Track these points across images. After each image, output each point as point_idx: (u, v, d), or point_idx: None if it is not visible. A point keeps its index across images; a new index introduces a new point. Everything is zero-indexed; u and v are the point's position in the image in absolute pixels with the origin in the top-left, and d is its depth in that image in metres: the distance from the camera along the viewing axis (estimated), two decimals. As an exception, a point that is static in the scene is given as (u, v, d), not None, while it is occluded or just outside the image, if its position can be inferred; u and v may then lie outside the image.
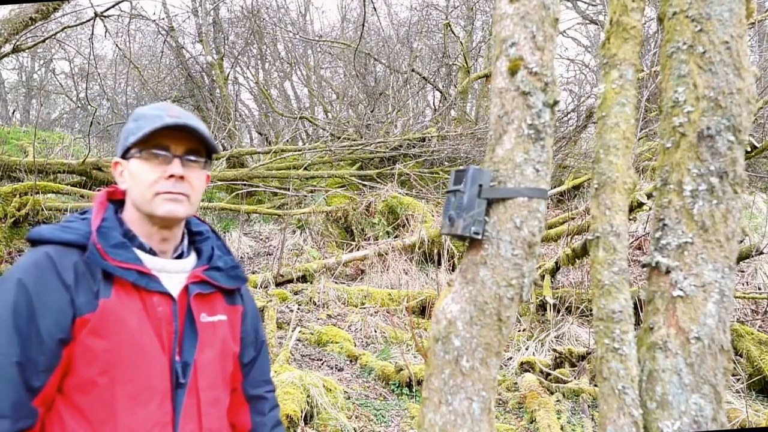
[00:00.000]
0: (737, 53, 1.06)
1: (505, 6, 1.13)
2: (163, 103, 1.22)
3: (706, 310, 1.05)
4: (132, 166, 1.16)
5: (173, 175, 1.15)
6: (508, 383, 4.13)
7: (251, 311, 1.34)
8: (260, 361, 1.35)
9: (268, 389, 1.37)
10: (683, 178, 1.08)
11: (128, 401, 1.08)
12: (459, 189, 1.12)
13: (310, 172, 8.82)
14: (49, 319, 1.05)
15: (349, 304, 5.49)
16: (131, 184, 1.17)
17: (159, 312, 1.13)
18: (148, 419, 1.09)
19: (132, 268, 1.11)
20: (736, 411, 3.47)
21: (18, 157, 8.05)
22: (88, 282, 1.08)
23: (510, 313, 1.10)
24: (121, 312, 1.09)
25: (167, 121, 1.13)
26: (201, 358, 1.17)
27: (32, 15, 5.75)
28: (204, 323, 1.19)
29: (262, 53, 12.85)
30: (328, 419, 3.30)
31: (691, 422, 1.03)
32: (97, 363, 1.07)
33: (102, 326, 1.07)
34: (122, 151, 1.18)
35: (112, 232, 1.13)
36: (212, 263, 1.24)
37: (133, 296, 1.11)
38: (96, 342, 1.07)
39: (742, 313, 5.29)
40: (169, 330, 1.14)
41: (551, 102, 1.11)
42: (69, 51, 14.05)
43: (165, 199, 1.14)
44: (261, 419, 1.34)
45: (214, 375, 1.20)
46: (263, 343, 1.37)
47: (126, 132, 1.18)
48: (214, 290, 1.23)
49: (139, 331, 1.10)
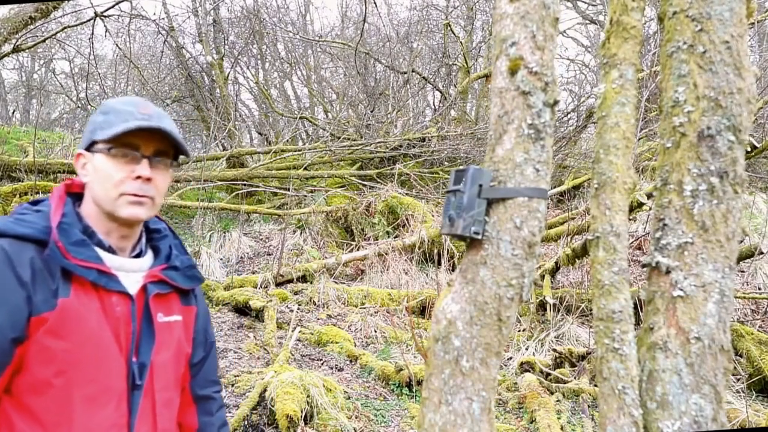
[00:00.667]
0: (737, 53, 1.06)
1: (505, 5, 1.13)
2: (134, 98, 1.19)
3: (707, 310, 1.04)
4: (97, 162, 1.13)
5: (141, 176, 1.12)
6: (508, 383, 4.13)
7: (203, 311, 1.32)
8: (209, 361, 1.34)
9: (215, 390, 1.37)
10: (683, 178, 1.08)
11: (86, 402, 1.06)
12: (459, 189, 1.12)
13: (310, 172, 8.82)
14: (3, 316, 1.00)
15: (349, 304, 5.49)
16: (94, 179, 1.13)
17: (117, 312, 1.11)
18: (105, 421, 1.07)
19: (92, 267, 1.08)
20: (736, 411, 3.47)
21: (18, 157, 8.05)
22: (45, 280, 1.04)
23: (510, 313, 1.10)
24: (81, 312, 1.06)
25: (140, 123, 1.10)
26: (157, 359, 1.15)
27: (32, 14, 5.75)
28: (161, 323, 1.17)
29: (262, 53, 12.85)
30: (328, 419, 3.30)
31: (691, 422, 1.02)
32: (54, 363, 1.04)
33: (61, 326, 1.04)
34: (87, 144, 1.14)
35: (72, 229, 1.09)
36: (170, 262, 1.22)
37: (92, 295, 1.08)
38: (54, 342, 1.03)
39: (742, 313, 5.29)
40: (126, 330, 1.11)
41: (551, 102, 1.11)
42: (69, 51, 14.06)
43: (129, 201, 1.12)
44: (209, 419, 1.34)
45: (168, 376, 1.19)
46: (212, 344, 1.36)
47: (94, 124, 1.14)
48: (171, 290, 1.21)
49: (98, 331, 1.07)
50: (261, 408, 3.27)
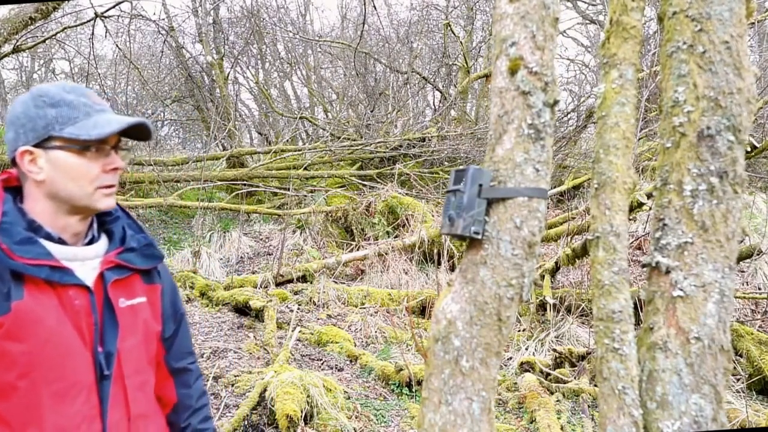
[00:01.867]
0: (737, 53, 1.06)
1: (505, 5, 1.13)
2: (74, 86, 1.15)
3: (706, 310, 1.04)
4: (60, 158, 1.08)
5: (117, 168, 1.12)
6: (508, 383, 4.13)
7: (169, 286, 1.30)
8: (181, 333, 1.34)
9: (191, 361, 1.37)
10: (683, 178, 1.08)
11: (54, 400, 1.05)
12: (459, 189, 1.12)
13: (310, 172, 8.82)
14: None
15: (349, 304, 5.49)
16: (56, 177, 1.09)
17: (76, 305, 1.09)
18: (75, 415, 1.07)
19: (42, 264, 1.05)
20: (736, 411, 3.47)
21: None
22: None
23: (510, 313, 1.10)
24: (37, 312, 1.04)
25: (123, 123, 1.10)
26: (124, 345, 1.14)
27: (32, 15, 5.75)
28: (123, 308, 1.16)
29: (262, 53, 12.85)
30: (328, 419, 3.30)
31: (691, 422, 1.02)
32: (16, 367, 1.03)
33: (17, 329, 1.02)
34: (39, 140, 1.08)
35: (14, 227, 1.06)
36: (125, 245, 1.19)
37: (48, 293, 1.06)
38: (12, 346, 1.02)
39: (742, 313, 5.29)
40: (89, 322, 1.10)
41: (551, 102, 1.11)
42: (69, 51, 14.05)
43: (105, 193, 1.12)
44: (187, 391, 1.34)
45: (138, 360, 1.18)
46: (182, 315, 1.35)
47: (44, 119, 1.08)
48: (131, 273, 1.19)
49: (58, 328, 1.06)
50: (261, 408, 3.27)
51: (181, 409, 1.33)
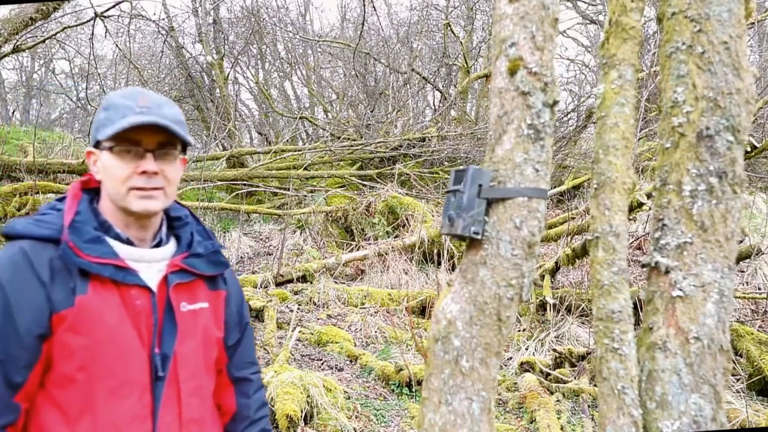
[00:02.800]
0: (736, 53, 1.06)
1: (504, 6, 1.13)
2: (134, 90, 1.17)
3: (706, 310, 1.05)
4: (104, 159, 1.13)
5: (146, 171, 1.12)
6: (508, 383, 4.13)
7: (235, 294, 1.32)
8: (244, 343, 1.35)
9: (252, 371, 1.37)
10: (682, 178, 1.08)
11: (107, 396, 1.08)
12: (459, 189, 1.12)
13: (310, 172, 8.81)
14: (27, 316, 1.04)
15: (349, 304, 5.49)
16: (104, 177, 1.14)
17: (137, 305, 1.11)
18: (127, 413, 1.09)
19: (108, 263, 1.09)
20: (736, 411, 3.47)
21: (18, 157, 8.05)
22: (64, 278, 1.07)
23: (510, 313, 1.10)
24: (99, 308, 1.07)
25: (135, 120, 1.09)
26: (181, 349, 1.16)
27: (32, 15, 5.75)
28: (184, 313, 1.17)
29: (262, 53, 12.85)
30: (328, 419, 3.30)
31: (691, 422, 1.03)
32: (75, 359, 1.07)
33: (79, 323, 1.06)
34: (94, 142, 1.15)
35: (85, 227, 1.11)
36: (192, 250, 1.21)
37: (111, 290, 1.09)
38: (73, 338, 1.06)
39: (742, 313, 5.29)
40: (148, 323, 1.12)
41: (551, 102, 1.11)
42: (69, 51, 14.06)
43: (138, 195, 1.12)
44: (246, 401, 1.34)
45: (195, 364, 1.19)
46: (247, 324, 1.36)
47: (97, 122, 1.14)
48: (195, 278, 1.20)
49: (117, 326, 1.09)
50: (261, 408, 3.26)
51: (239, 418, 1.33)
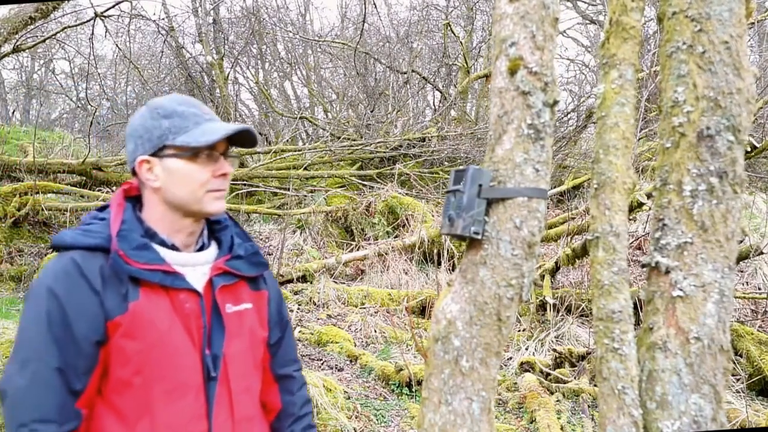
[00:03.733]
0: (737, 53, 1.06)
1: (504, 6, 1.13)
2: (183, 97, 1.23)
3: (706, 310, 1.04)
4: (173, 165, 1.16)
5: (225, 173, 1.19)
6: (508, 383, 4.13)
7: (275, 294, 1.36)
8: (286, 341, 1.38)
9: (295, 368, 1.40)
10: (683, 178, 1.08)
11: (164, 398, 1.12)
12: (459, 189, 1.12)
13: (310, 172, 8.81)
14: (83, 324, 1.08)
15: (349, 304, 5.49)
16: (170, 183, 1.17)
17: (187, 308, 1.15)
18: (183, 413, 1.13)
19: (156, 269, 1.13)
20: (736, 411, 3.47)
21: (18, 157, 8.05)
22: (115, 285, 1.10)
23: (510, 313, 1.10)
24: (151, 313, 1.11)
25: (230, 129, 1.17)
26: (230, 349, 1.19)
27: (32, 14, 5.75)
28: (230, 314, 1.21)
29: (262, 53, 12.85)
30: (328, 419, 3.30)
31: (691, 422, 1.03)
32: (131, 364, 1.10)
33: (133, 328, 1.10)
34: (154, 149, 1.16)
35: (132, 234, 1.14)
36: (233, 252, 1.25)
37: (161, 295, 1.13)
38: (128, 343, 1.10)
39: (742, 313, 5.29)
40: (198, 325, 1.16)
41: (551, 102, 1.11)
42: (69, 51, 14.05)
43: (215, 197, 1.19)
44: (290, 398, 1.37)
45: (244, 364, 1.23)
46: (288, 323, 1.40)
47: (159, 129, 1.16)
48: (238, 279, 1.24)
49: (169, 329, 1.13)
50: (261, 408, 3.26)
51: (284, 416, 1.36)
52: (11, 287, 5.72)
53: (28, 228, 6.63)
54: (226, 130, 1.16)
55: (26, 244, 6.44)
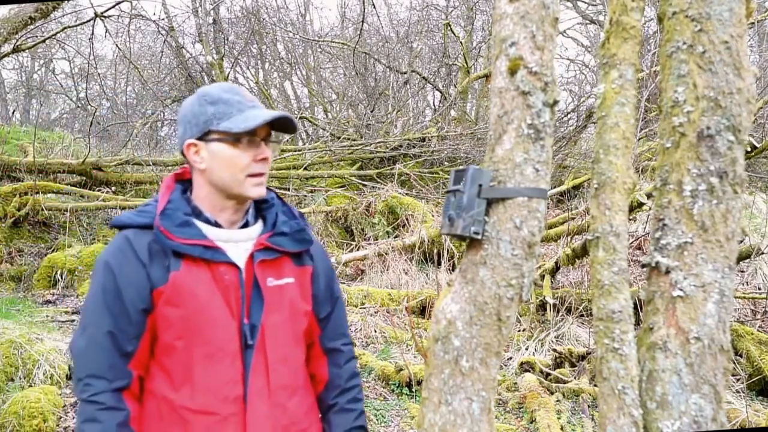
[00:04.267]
0: (737, 53, 1.06)
1: (504, 5, 1.13)
2: (229, 85, 1.30)
3: (706, 310, 1.04)
4: (217, 149, 1.24)
5: (265, 158, 1.26)
6: (508, 383, 4.13)
7: (324, 270, 1.41)
8: (336, 315, 1.44)
9: (344, 342, 1.45)
10: (683, 178, 1.08)
11: (203, 361, 1.21)
12: (459, 189, 1.12)
13: (310, 172, 8.81)
14: (132, 293, 1.20)
15: (349, 304, 5.49)
16: (214, 166, 1.24)
17: (226, 280, 1.23)
18: (221, 377, 1.22)
19: (197, 244, 1.21)
20: (736, 411, 3.47)
21: (18, 157, 8.04)
22: (161, 258, 1.21)
23: (510, 313, 1.10)
24: (191, 283, 1.21)
25: (270, 116, 1.23)
26: (268, 320, 1.26)
27: (32, 14, 5.75)
28: (270, 287, 1.28)
29: (262, 53, 12.85)
30: (328, 419, 3.30)
31: (691, 422, 1.02)
32: (174, 329, 1.21)
33: (174, 296, 1.20)
34: (201, 133, 1.24)
35: (176, 213, 1.24)
36: (276, 229, 1.31)
37: (202, 267, 1.22)
38: (171, 310, 1.20)
39: (742, 313, 5.29)
40: (236, 296, 1.24)
41: (551, 102, 1.11)
42: (69, 51, 14.04)
43: (255, 183, 1.25)
44: (337, 371, 1.42)
45: (284, 334, 1.29)
46: (338, 298, 1.45)
47: (204, 115, 1.24)
48: (280, 255, 1.30)
49: (209, 298, 1.21)
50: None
51: (331, 387, 1.42)
52: (11, 287, 5.72)
53: (28, 228, 6.63)
54: (266, 117, 1.22)
55: (26, 244, 6.44)
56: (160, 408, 1.22)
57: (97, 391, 1.18)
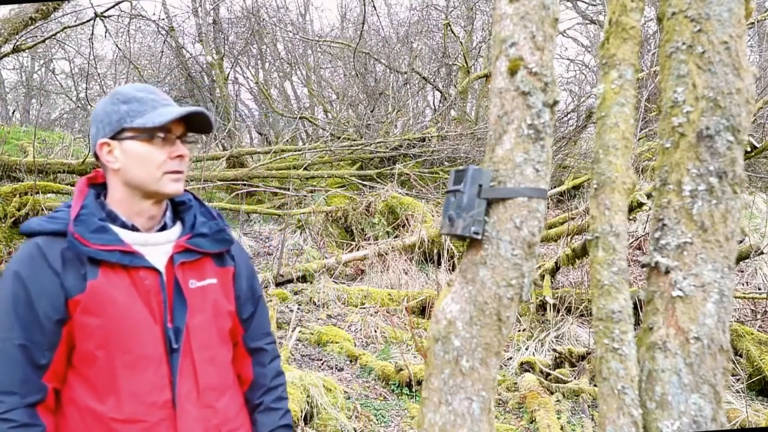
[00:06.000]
0: (736, 53, 1.06)
1: (504, 6, 1.13)
2: (142, 85, 1.28)
3: (706, 310, 1.05)
4: (131, 147, 1.22)
5: (181, 155, 1.24)
6: (508, 383, 4.13)
7: (245, 269, 1.39)
8: (258, 315, 1.42)
9: (268, 341, 1.44)
10: (682, 178, 1.08)
11: (126, 369, 1.18)
12: (459, 189, 1.12)
13: (310, 172, 8.81)
14: (45, 303, 1.15)
15: (349, 304, 5.49)
16: (128, 164, 1.22)
17: (146, 285, 1.20)
18: (146, 383, 1.19)
19: (114, 249, 1.18)
20: (736, 411, 3.47)
21: (18, 157, 8.04)
22: (75, 266, 1.17)
23: (510, 313, 1.10)
24: (109, 290, 1.17)
25: (182, 111, 1.21)
26: (192, 322, 1.24)
27: (32, 15, 5.75)
28: (193, 289, 1.26)
29: (262, 53, 12.85)
30: (328, 419, 3.30)
31: (691, 422, 1.03)
32: (93, 338, 1.17)
33: (92, 305, 1.16)
34: (114, 132, 1.22)
35: (90, 218, 1.20)
36: (195, 231, 1.29)
37: (121, 274, 1.19)
38: (89, 319, 1.16)
39: (742, 313, 5.29)
40: (158, 300, 1.21)
41: (551, 102, 1.11)
42: (69, 51, 14.05)
43: (172, 179, 1.23)
44: (262, 370, 1.42)
45: (209, 336, 1.27)
46: (260, 297, 1.43)
47: (118, 114, 1.22)
48: (201, 256, 1.29)
49: (128, 304, 1.18)
50: (261, 408, 3.26)
51: (256, 387, 1.41)
52: (11, 287, 5.71)
53: (28, 228, 6.62)
54: (179, 112, 1.21)
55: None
56: (84, 419, 1.18)
57: (8, 407, 1.13)
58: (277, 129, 12.65)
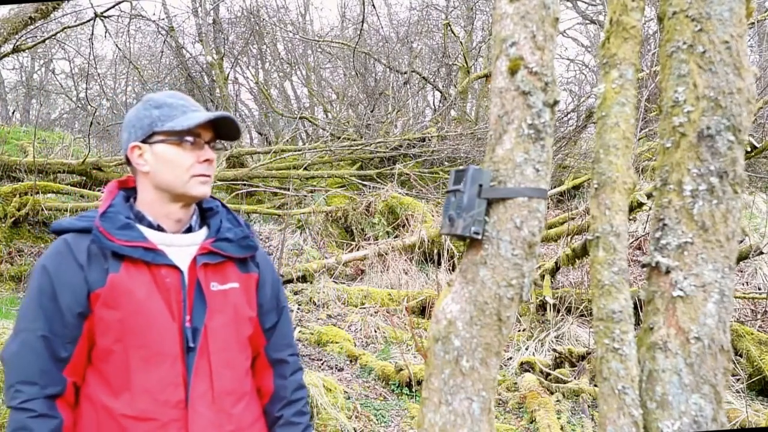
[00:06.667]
0: (737, 53, 1.06)
1: (505, 5, 1.13)
2: (174, 92, 1.32)
3: (706, 310, 1.04)
4: (161, 150, 1.25)
5: (208, 159, 1.27)
6: (508, 383, 4.13)
7: (270, 279, 1.40)
8: (281, 326, 1.42)
9: (290, 353, 1.43)
10: (683, 178, 1.08)
11: (141, 364, 1.18)
12: (459, 189, 1.12)
13: (310, 172, 8.81)
14: (68, 296, 1.17)
15: (349, 304, 5.49)
16: (157, 168, 1.25)
17: (167, 282, 1.22)
18: (160, 380, 1.19)
19: (137, 246, 1.20)
20: (736, 411, 3.47)
21: (18, 157, 8.04)
22: (99, 261, 1.19)
23: (510, 313, 1.10)
24: (129, 284, 1.19)
25: (210, 115, 1.25)
26: (211, 323, 1.24)
27: (32, 15, 5.75)
28: (214, 292, 1.26)
29: (262, 53, 12.85)
30: (328, 419, 3.30)
31: (691, 422, 1.02)
32: (111, 332, 1.18)
33: (112, 298, 1.18)
34: (145, 136, 1.25)
35: (117, 216, 1.23)
36: (219, 235, 1.31)
37: (142, 270, 1.21)
38: (108, 313, 1.18)
39: (742, 313, 5.29)
40: (177, 298, 1.22)
41: (551, 102, 1.11)
42: (69, 51, 14.05)
43: (200, 182, 1.26)
44: (282, 382, 1.40)
45: (226, 339, 1.27)
46: (284, 308, 1.43)
47: (149, 118, 1.25)
48: (224, 260, 1.30)
49: (147, 300, 1.19)
50: (261, 408, 3.26)
51: (276, 399, 1.39)
52: (11, 287, 5.72)
53: (28, 228, 6.62)
54: (208, 116, 1.25)
55: (26, 244, 6.44)
56: (98, 415, 1.18)
57: (28, 397, 1.14)
58: (277, 129, 12.65)
